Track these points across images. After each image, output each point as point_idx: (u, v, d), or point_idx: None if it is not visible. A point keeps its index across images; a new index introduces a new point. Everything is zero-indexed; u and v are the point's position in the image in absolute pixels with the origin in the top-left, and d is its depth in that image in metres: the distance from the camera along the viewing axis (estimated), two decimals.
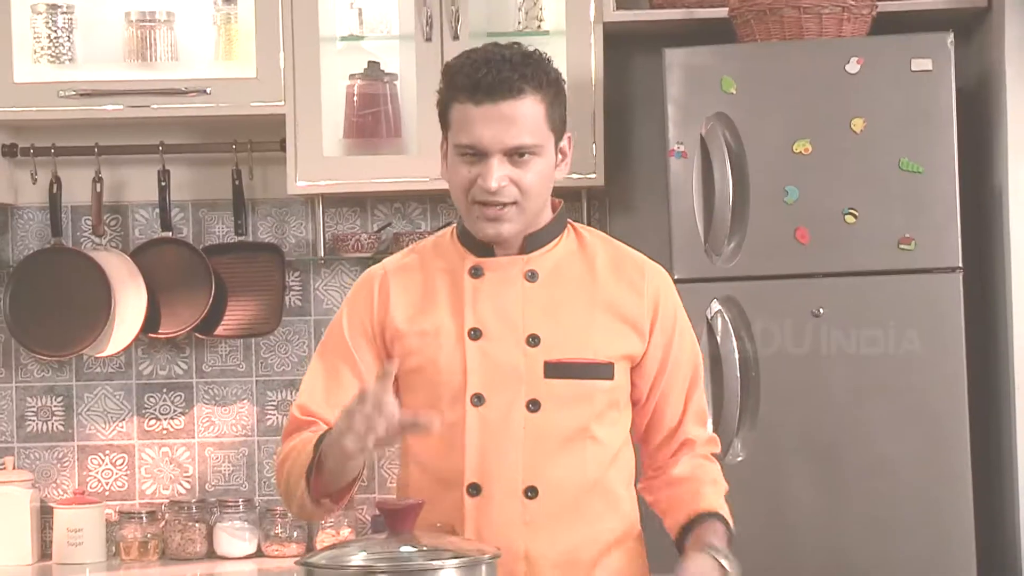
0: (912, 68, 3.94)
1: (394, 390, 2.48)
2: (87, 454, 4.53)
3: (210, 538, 4.42)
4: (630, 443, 2.81)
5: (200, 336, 4.49)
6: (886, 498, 3.91)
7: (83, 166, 4.47)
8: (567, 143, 2.74)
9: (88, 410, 4.53)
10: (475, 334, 2.69)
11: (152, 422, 4.54)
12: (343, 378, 2.73)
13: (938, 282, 3.94)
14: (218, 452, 4.54)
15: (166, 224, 4.47)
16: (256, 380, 4.54)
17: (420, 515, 2.43)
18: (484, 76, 2.61)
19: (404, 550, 2.35)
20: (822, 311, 3.93)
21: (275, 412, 4.52)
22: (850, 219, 3.94)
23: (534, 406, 2.67)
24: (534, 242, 2.74)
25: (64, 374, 4.54)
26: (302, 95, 4.26)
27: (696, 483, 2.78)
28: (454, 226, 2.81)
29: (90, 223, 4.48)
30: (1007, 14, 4.07)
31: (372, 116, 4.35)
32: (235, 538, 4.39)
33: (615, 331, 2.72)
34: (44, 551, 4.45)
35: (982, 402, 4.15)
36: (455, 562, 2.31)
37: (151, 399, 4.54)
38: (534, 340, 2.68)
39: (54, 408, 4.54)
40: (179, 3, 4.39)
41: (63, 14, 4.34)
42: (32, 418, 4.54)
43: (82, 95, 4.28)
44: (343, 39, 4.43)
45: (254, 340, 4.53)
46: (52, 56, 4.34)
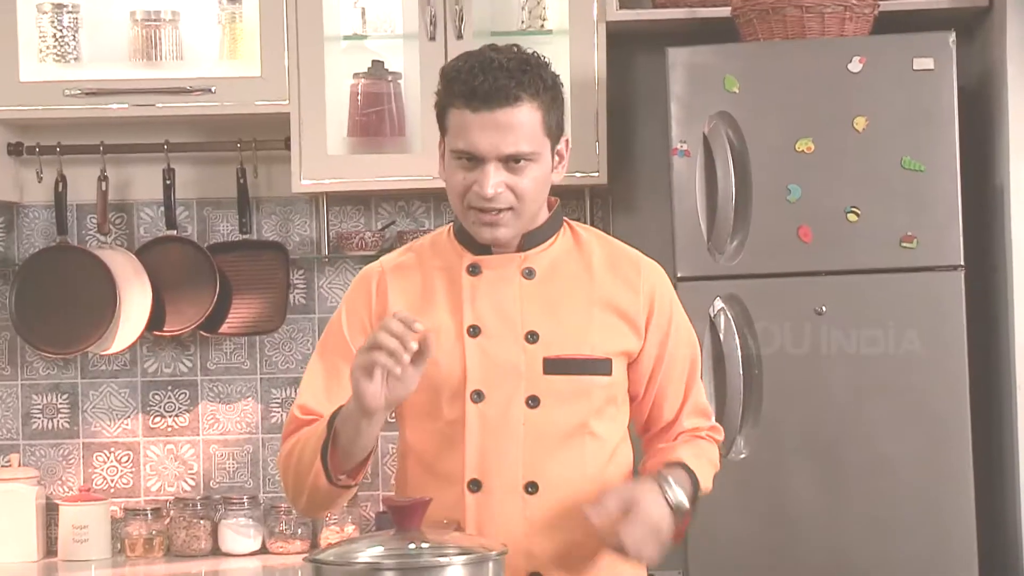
0: (914, 67, 3.94)
1: None
2: (92, 451, 4.53)
3: (215, 535, 4.43)
4: (628, 439, 2.82)
5: (205, 334, 4.49)
6: (888, 496, 3.91)
7: (88, 165, 4.47)
8: (564, 146, 2.74)
9: (93, 407, 4.54)
10: (474, 331, 2.70)
11: (157, 419, 4.54)
12: (343, 376, 2.71)
13: (940, 280, 3.94)
14: (223, 449, 4.54)
15: (171, 222, 4.47)
16: (260, 378, 4.55)
17: None
18: (481, 84, 2.61)
19: (412, 547, 2.35)
20: (824, 309, 3.93)
21: (279, 410, 4.53)
22: (852, 217, 3.94)
23: (533, 402, 2.68)
24: (531, 240, 2.75)
25: (69, 372, 4.54)
26: (306, 94, 4.27)
27: (677, 446, 2.79)
28: (451, 224, 2.81)
29: (95, 221, 4.48)
30: (1008, 13, 4.07)
31: (376, 115, 4.35)
32: (240, 535, 4.40)
33: (612, 327, 2.73)
34: (50, 548, 4.45)
35: (983, 400, 4.15)
36: (463, 559, 2.31)
37: (156, 396, 4.55)
38: (533, 337, 2.69)
39: (59, 406, 4.54)
40: (184, 2, 4.40)
41: (68, 13, 4.34)
42: (38, 415, 4.54)
43: (87, 94, 4.28)
44: (346, 38, 4.43)
45: (258, 338, 4.53)
46: (58, 55, 4.35)
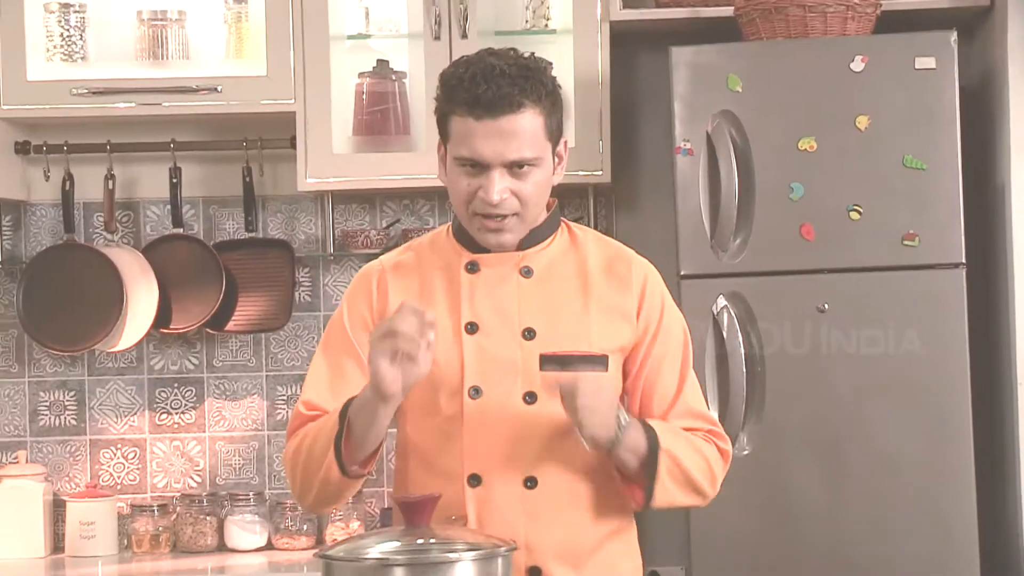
0: (916, 66, 3.95)
1: None
2: (99, 448, 4.55)
3: (221, 531, 4.44)
4: None
5: (211, 331, 4.50)
6: (890, 493, 3.92)
7: (95, 163, 4.48)
8: (563, 147, 2.75)
9: (100, 405, 4.56)
10: (471, 328, 2.72)
11: (163, 416, 4.56)
12: (347, 372, 2.74)
13: (941, 278, 3.95)
14: (229, 446, 4.56)
15: (177, 220, 4.48)
16: (266, 375, 4.56)
17: None
18: (484, 92, 2.62)
19: (421, 543, 2.36)
20: (827, 307, 3.94)
21: (285, 406, 4.53)
22: (855, 216, 3.95)
23: (531, 398, 2.70)
24: (530, 240, 2.76)
25: (76, 369, 4.56)
26: (312, 93, 4.28)
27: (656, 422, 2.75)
28: (450, 223, 2.83)
29: (102, 219, 4.49)
30: (1010, 13, 4.09)
31: (381, 114, 4.37)
32: (245, 531, 4.41)
33: (607, 324, 2.74)
34: (57, 544, 4.47)
35: (985, 397, 4.17)
36: (472, 555, 2.32)
37: (162, 394, 4.56)
38: (530, 334, 2.71)
39: (66, 403, 4.55)
40: (190, 2, 4.41)
41: (76, 13, 4.35)
42: (45, 412, 4.56)
43: (94, 93, 4.29)
44: (351, 38, 4.44)
45: (264, 335, 4.55)
46: (65, 54, 4.36)
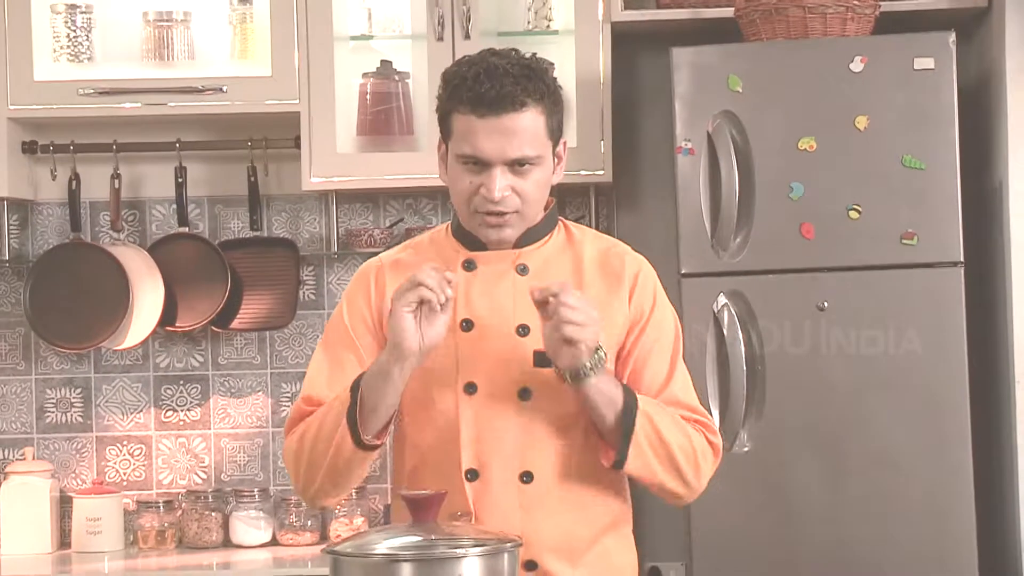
0: (915, 67, 3.96)
1: None
2: (105, 445, 4.56)
3: (226, 527, 4.46)
4: None
5: (216, 329, 4.52)
6: (889, 489, 3.94)
7: (101, 163, 4.49)
8: (562, 148, 2.78)
9: (106, 402, 4.57)
10: (467, 325, 2.74)
11: (169, 413, 4.58)
12: (347, 366, 2.76)
13: (940, 276, 3.96)
14: (234, 443, 4.58)
15: (183, 219, 4.50)
16: (271, 372, 4.58)
17: None
18: (488, 90, 2.64)
19: (428, 539, 2.37)
20: (826, 305, 3.95)
21: (289, 404, 4.54)
22: (854, 215, 3.96)
23: (526, 394, 2.71)
24: (526, 238, 2.78)
25: (83, 366, 4.57)
26: (316, 93, 4.30)
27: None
28: (449, 222, 2.86)
29: (108, 218, 4.51)
30: (1007, 14, 4.10)
31: (384, 114, 4.38)
32: (250, 527, 4.44)
33: (602, 321, 2.73)
34: (63, 540, 4.48)
35: (983, 393, 4.18)
36: (478, 551, 2.33)
37: (168, 391, 4.58)
38: (524, 330, 2.73)
39: (73, 400, 4.57)
40: (196, 3, 4.42)
41: (82, 14, 4.37)
42: (51, 409, 4.58)
43: (101, 93, 4.31)
44: (354, 38, 4.45)
45: (269, 333, 4.56)
46: (71, 55, 4.37)
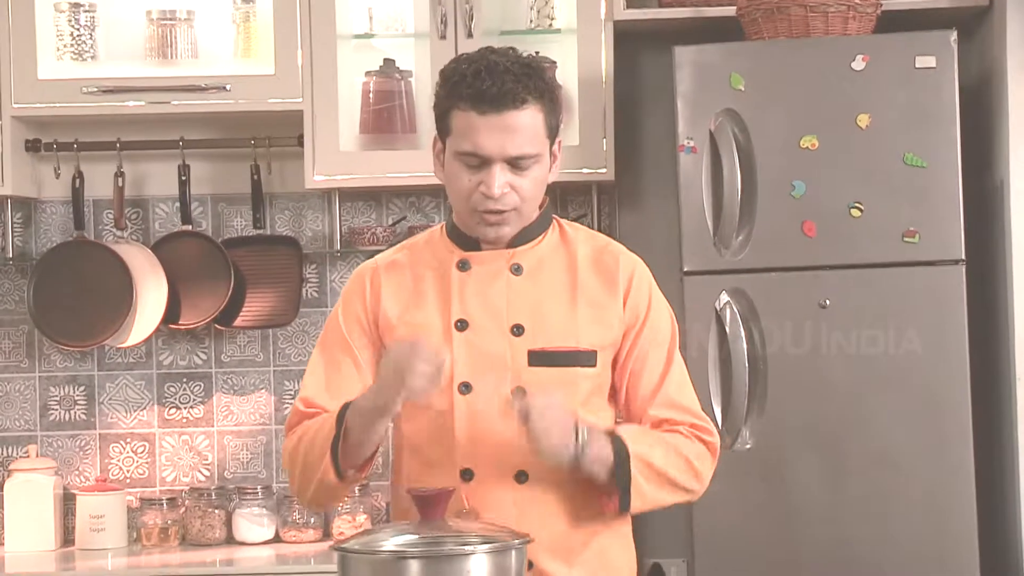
0: (916, 65, 3.97)
1: None
2: (109, 442, 4.57)
3: (229, 524, 4.47)
4: None
5: (219, 327, 4.53)
6: (890, 488, 3.95)
7: (105, 161, 4.50)
8: (558, 146, 2.79)
9: (110, 399, 4.58)
10: (461, 325, 2.75)
11: (172, 411, 4.58)
12: (344, 369, 2.79)
13: (941, 274, 3.97)
14: (237, 440, 4.59)
15: (186, 218, 4.51)
16: (274, 370, 4.59)
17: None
18: (489, 87, 2.66)
19: (436, 536, 2.38)
20: (828, 303, 3.96)
21: (292, 401, 4.52)
22: (856, 213, 3.97)
23: (520, 394, 2.70)
24: (521, 237, 2.80)
25: (86, 364, 4.58)
26: (319, 92, 4.30)
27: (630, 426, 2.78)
28: (444, 222, 2.87)
29: (112, 216, 4.52)
30: (1008, 12, 4.11)
31: (387, 112, 4.38)
32: (253, 524, 4.45)
33: (596, 320, 2.77)
34: (67, 537, 4.50)
35: (984, 391, 4.19)
36: (486, 548, 2.34)
37: (171, 388, 4.59)
38: (518, 330, 2.74)
39: (76, 397, 4.58)
40: (199, 2, 4.43)
41: (86, 12, 4.38)
42: (55, 407, 4.59)
43: (104, 92, 4.32)
44: (357, 37, 4.46)
45: (272, 331, 4.57)
46: (75, 53, 4.38)
